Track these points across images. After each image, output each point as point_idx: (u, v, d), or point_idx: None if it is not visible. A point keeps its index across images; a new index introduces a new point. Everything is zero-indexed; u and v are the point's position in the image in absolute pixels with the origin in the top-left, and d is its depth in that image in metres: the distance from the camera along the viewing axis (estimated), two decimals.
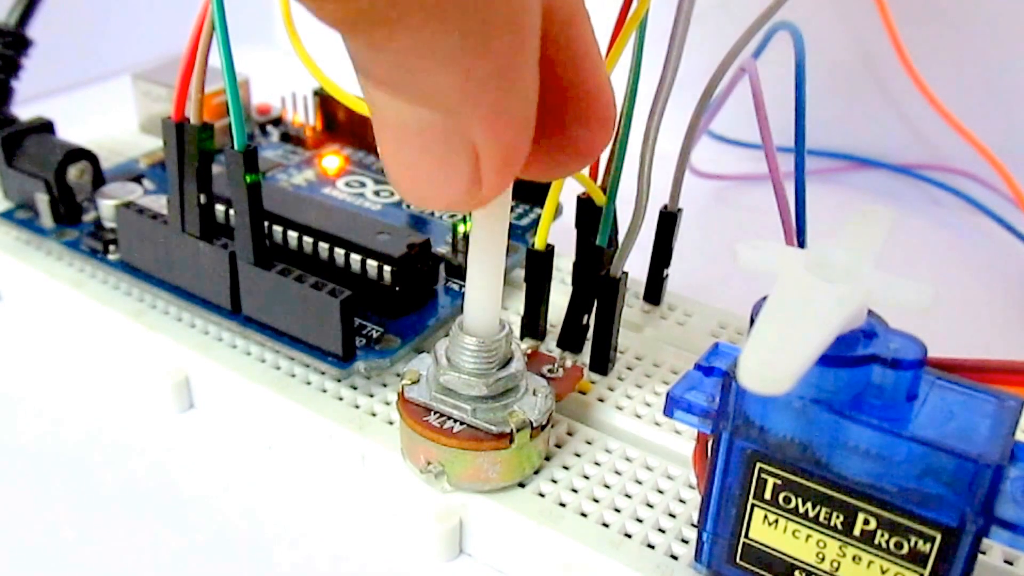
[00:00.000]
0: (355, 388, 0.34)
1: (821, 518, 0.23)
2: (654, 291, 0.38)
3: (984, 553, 0.27)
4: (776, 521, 0.24)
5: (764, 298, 0.23)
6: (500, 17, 0.19)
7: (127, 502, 0.33)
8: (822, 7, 0.54)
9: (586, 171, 0.32)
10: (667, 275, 0.38)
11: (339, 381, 0.34)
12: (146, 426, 0.36)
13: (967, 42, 0.52)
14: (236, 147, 0.32)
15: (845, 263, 0.22)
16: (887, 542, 0.22)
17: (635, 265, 0.34)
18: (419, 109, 0.20)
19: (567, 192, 0.33)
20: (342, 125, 0.47)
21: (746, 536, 0.25)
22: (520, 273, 0.37)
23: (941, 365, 0.23)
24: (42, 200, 0.41)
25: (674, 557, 0.28)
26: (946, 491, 0.21)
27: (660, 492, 0.30)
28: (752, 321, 0.22)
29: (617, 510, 0.29)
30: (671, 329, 0.38)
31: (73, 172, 0.41)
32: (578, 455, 0.31)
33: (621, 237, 0.33)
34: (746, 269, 0.22)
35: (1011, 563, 0.28)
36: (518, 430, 0.29)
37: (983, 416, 0.22)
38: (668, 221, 0.36)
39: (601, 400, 0.34)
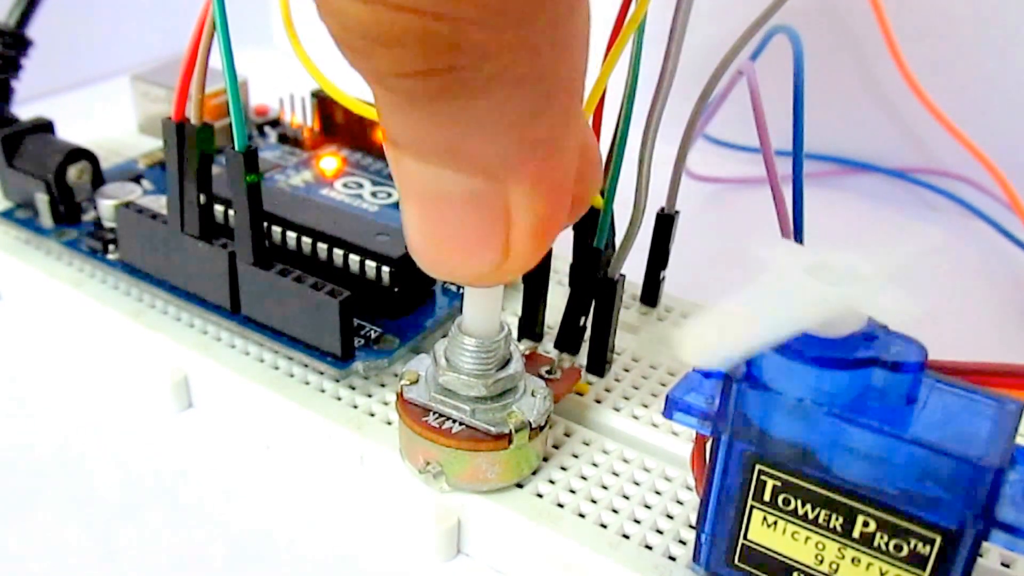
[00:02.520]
0: (353, 388, 0.34)
1: (820, 520, 0.23)
2: (651, 293, 0.38)
3: (982, 556, 0.28)
4: (775, 523, 0.24)
5: None
6: (562, 81, 0.19)
7: (126, 501, 0.33)
8: (816, 11, 0.55)
9: None
10: (664, 277, 0.38)
11: (337, 381, 0.34)
12: (145, 425, 0.36)
13: (963, 46, 0.52)
14: (236, 147, 0.32)
15: (849, 268, 0.22)
16: (886, 544, 0.22)
17: (632, 267, 0.34)
18: (459, 176, 0.19)
19: None
20: (340, 126, 0.47)
21: (745, 537, 0.25)
22: None
23: (941, 368, 0.23)
24: (42, 200, 0.41)
25: (672, 558, 0.28)
26: (946, 494, 0.21)
27: (658, 493, 0.30)
28: None
29: (615, 511, 0.29)
30: (668, 331, 0.38)
31: (73, 172, 0.41)
32: (576, 456, 0.31)
33: (618, 239, 0.33)
34: (760, 266, 0.22)
35: (1008, 566, 0.28)
36: (517, 431, 0.29)
37: (983, 419, 0.22)
38: (665, 223, 0.36)
39: (598, 401, 0.34)
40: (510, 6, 0.16)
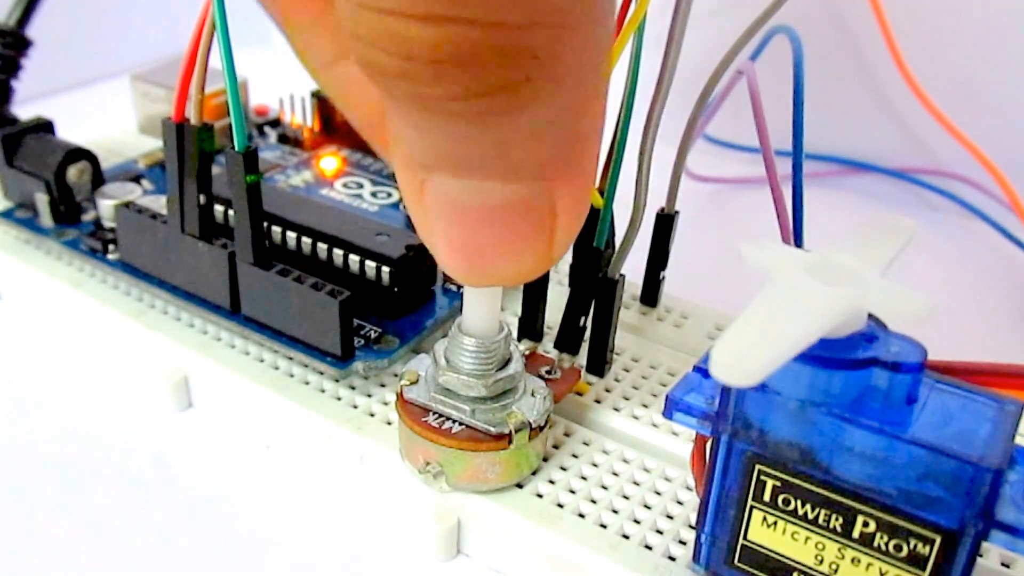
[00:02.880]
0: (353, 388, 0.34)
1: (820, 520, 0.23)
2: (651, 293, 0.38)
3: (982, 556, 0.28)
4: (775, 523, 0.24)
5: None
6: (602, 74, 0.18)
7: (126, 501, 0.33)
8: (817, 11, 0.55)
9: None
10: (664, 277, 0.38)
11: (337, 381, 0.34)
12: (145, 425, 0.36)
13: (963, 46, 0.52)
14: (236, 148, 0.32)
15: (847, 267, 0.22)
16: (886, 544, 0.22)
17: (632, 267, 0.34)
18: (502, 184, 0.19)
19: None
20: (340, 127, 0.47)
21: (744, 538, 0.25)
22: None
23: (941, 368, 0.23)
24: (42, 200, 0.41)
25: (672, 558, 0.28)
26: (946, 494, 0.21)
27: (658, 493, 0.30)
28: None
29: (615, 511, 0.29)
30: (668, 331, 0.38)
31: (73, 172, 0.41)
32: (576, 456, 0.31)
33: (618, 239, 0.33)
34: (750, 267, 0.22)
35: (1008, 566, 0.28)
36: (517, 431, 0.29)
37: (983, 419, 0.22)
38: (665, 223, 0.36)
39: (598, 401, 0.34)
40: (550, 8, 0.16)
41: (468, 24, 0.15)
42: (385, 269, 0.35)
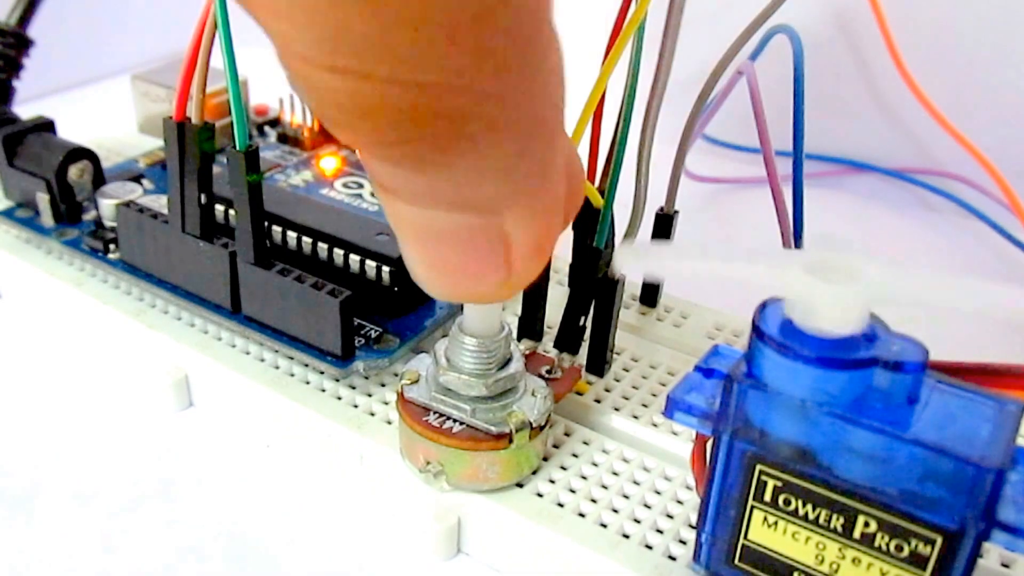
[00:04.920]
0: (354, 388, 0.34)
1: (821, 520, 0.23)
2: (650, 293, 0.39)
3: (982, 556, 0.28)
4: (776, 523, 0.24)
5: (766, 302, 0.23)
6: (542, 117, 0.19)
7: (126, 500, 0.33)
8: (816, 11, 0.55)
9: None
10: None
11: (338, 380, 0.34)
12: (145, 424, 0.36)
13: (962, 47, 0.52)
14: (238, 147, 0.32)
15: (846, 267, 0.22)
16: (887, 545, 0.22)
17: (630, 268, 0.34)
18: (452, 215, 0.19)
19: None
20: None
21: (745, 538, 0.25)
22: None
23: (942, 368, 0.23)
24: (43, 199, 0.41)
25: (672, 558, 0.28)
26: (947, 494, 0.21)
27: (658, 493, 0.30)
28: (753, 324, 0.23)
29: (615, 510, 0.29)
30: (667, 331, 0.38)
31: (74, 171, 0.41)
32: (576, 456, 0.31)
33: (618, 239, 0.33)
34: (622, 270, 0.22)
35: (1008, 566, 0.28)
36: (517, 430, 0.29)
37: (984, 420, 0.22)
38: (664, 223, 0.36)
39: (598, 401, 0.34)
40: (485, 66, 0.16)
41: (365, 78, 0.16)
42: (385, 269, 0.35)
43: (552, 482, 0.30)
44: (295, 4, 0.15)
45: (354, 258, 0.35)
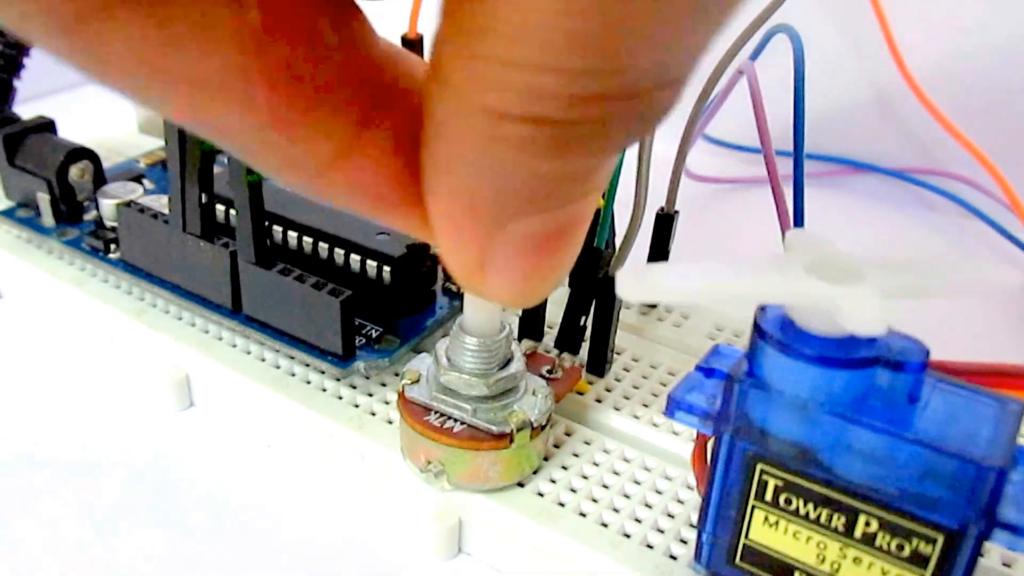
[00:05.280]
0: (354, 387, 0.34)
1: (822, 519, 0.23)
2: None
3: (982, 555, 0.28)
4: (777, 522, 0.24)
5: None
6: None
7: (127, 500, 0.33)
8: (817, 10, 0.55)
9: None
10: None
11: (338, 380, 0.34)
12: (146, 424, 0.36)
13: (963, 46, 0.52)
14: None
15: (848, 267, 0.22)
16: (888, 544, 0.22)
17: None
18: (574, 206, 0.18)
19: None
20: None
21: (746, 537, 0.25)
22: None
23: (943, 368, 0.23)
24: (43, 199, 0.41)
25: (673, 557, 0.28)
26: (948, 493, 0.21)
27: (658, 492, 0.30)
28: (755, 324, 0.23)
29: (616, 510, 0.29)
30: (668, 331, 0.38)
31: (74, 171, 0.41)
32: (576, 455, 0.32)
33: (617, 239, 0.33)
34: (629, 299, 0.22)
35: (1008, 565, 0.28)
36: (518, 430, 0.29)
37: (985, 419, 0.22)
38: (665, 223, 0.36)
39: (599, 401, 0.34)
40: (692, 61, 0.16)
41: (615, 73, 0.15)
42: (386, 268, 0.35)
43: (553, 482, 0.30)
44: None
45: (355, 258, 0.35)
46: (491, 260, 0.18)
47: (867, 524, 0.23)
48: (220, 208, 0.37)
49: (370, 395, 0.34)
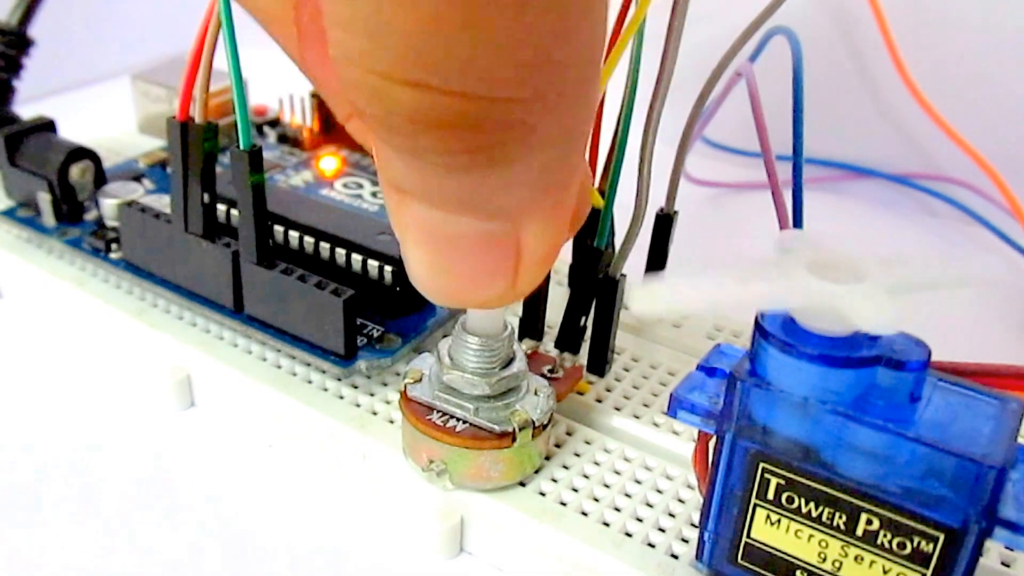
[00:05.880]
0: (356, 387, 0.34)
1: (824, 518, 0.23)
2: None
3: (982, 555, 0.28)
4: (778, 521, 0.24)
5: None
6: (583, 131, 0.19)
7: (128, 500, 0.33)
8: (816, 12, 0.55)
9: None
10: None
11: (340, 380, 0.34)
12: (147, 424, 0.36)
13: (964, 50, 0.52)
14: (242, 147, 0.32)
15: (850, 267, 0.22)
16: (890, 542, 0.23)
17: (631, 268, 0.34)
18: (472, 220, 0.19)
19: None
20: (340, 127, 0.46)
21: (748, 536, 0.25)
22: None
23: (943, 368, 0.23)
24: (44, 199, 0.41)
25: (675, 556, 0.28)
26: (949, 492, 0.21)
27: (659, 492, 0.30)
28: (756, 324, 0.23)
29: (617, 509, 0.30)
30: (667, 331, 0.38)
31: (75, 171, 0.41)
32: (578, 455, 0.32)
33: (617, 240, 0.33)
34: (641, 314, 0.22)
35: (1008, 565, 0.28)
36: (520, 429, 0.29)
37: (986, 418, 0.22)
38: (664, 224, 0.36)
39: (599, 401, 0.34)
40: (556, 81, 0.17)
41: (445, 93, 0.16)
42: (388, 268, 0.35)
43: (555, 481, 0.30)
44: (386, 24, 0.15)
45: (356, 258, 0.35)
46: (400, 230, 0.21)
47: (869, 523, 0.23)
48: (221, 208, 0.37)
49: (372, 395, 0.34)
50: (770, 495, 0.24)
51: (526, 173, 0.18)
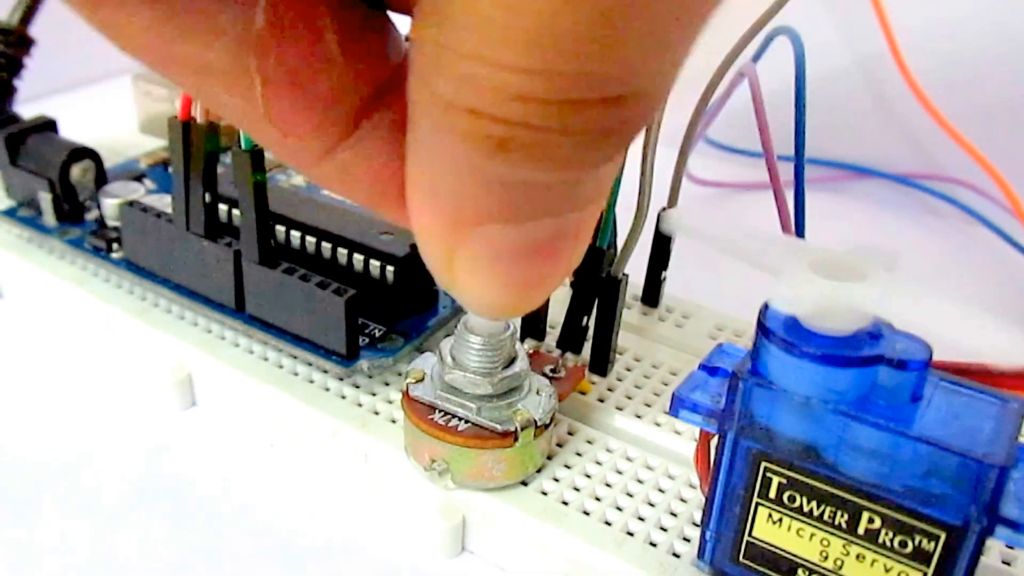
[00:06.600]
0: (358, 387, 0.34)
1: (825, 517, 0.23)
2: (652, 293, 0.39)
3: (983, 554, 0.28)
4: (780, 520, 0.24)
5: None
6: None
7: (129, 499, 0.33)
8: (819, 14, 0.55)
9: None
10: (665, 277, 0.38)
11: (342, 380, 0.34)
12: (148, 423, 0.36)
13: (966, 50, 0.52)
14: (243, 147, 0.32)
15: (853, 267, 0.22)
16: (891, 541, 0.23)
17: (632, 268, 0.34)
18: (552, 219, 0.18)
19: None
20: None
21: (750, 534, 0.25)
22: None
23: (944, 368, 0.23)
24: (45, 198, 0.41)
25: (676, 555, 0.28)
26: (951, 490, 0.21)
27: (661, 491, 0.30)
28: (759, 323, 0.23)
29: (619, 508, 0.30)
30: (669, 331, 0.38)
31: (76, 171, 0.41)
32: (579, 454, 0.32)
33: (619, 240, 0.33)
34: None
35: (1008, 563, 0.28)
36: (522, 428, 0.29)
37: (987, 417, 0.22)
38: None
39: (601, 400, 0.34)
40: (667, 66, 0.16)
41: (613, 102, 0.15)
42: (390, 268, 0.35)
43: (556, 480, 0.30)
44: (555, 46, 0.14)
45: (358, 257, 0.35)
46: (458, 262, 0.19)
47: (870, 521, 0.23)
48: (223, 208, 0.37)
49: (373, 394, 0.34)
50: (772, 494, 0.24)
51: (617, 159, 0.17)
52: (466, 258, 0.18)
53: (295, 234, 0.37)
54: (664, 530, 0.29)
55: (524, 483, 0.30)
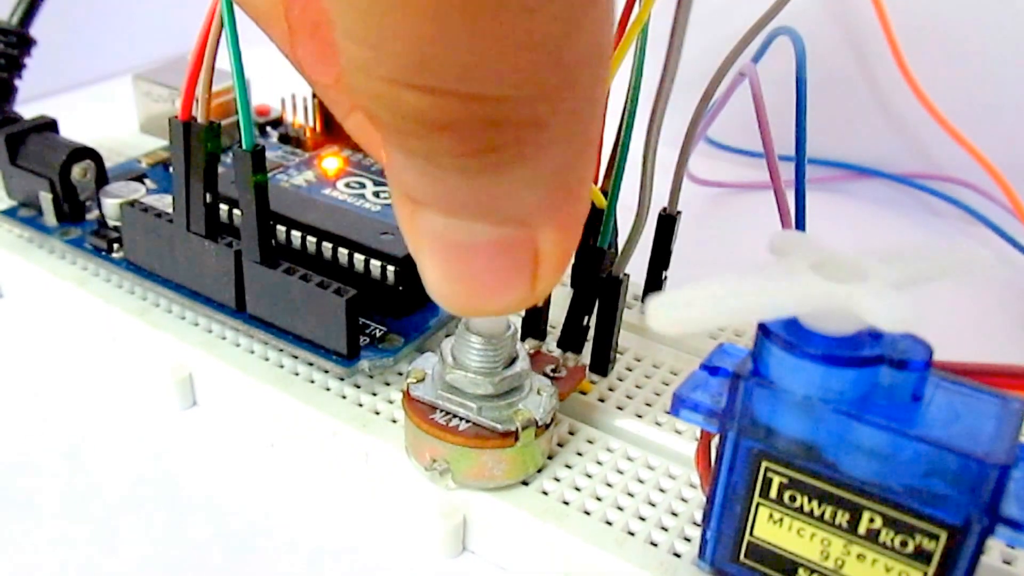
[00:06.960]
0: (358, 387, 0.34)
1: (826, 516, 0.23)
2: (653, 293, 0.39)
3: (983, 553, 0.28)
4: (781, 519, 0.24)
5: None
6: (596, 130, 0.19)
7: (130, 499, 0.33)
8: (819, 14, 0.55)
9: None
10: (666, 278, 0.38)
11: (342, 380, 0.34)
12: (149, 423, 0.36)
13: (967, 50, 0.52)
14: (244, 147, 0.32)
15: (853, 266, 0.22)
16: (892, 540, 0.23)
17: (633, 268, 0.34)
18: (488, 226, 0.19)
19: None
20: (341, 127, 0.47)
21: (751, 534, 0.25)
22: None
23: (945, 367, 0.23)
24: (45, 198, 0.41)
25: (677, 555, 0.28)
26: (952, 490, 0.21)
27: (662, 491, 0.30)
28: (759, 323, 0.23)
29: (620, 508, 0.30)
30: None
31: (77, 171, 0.41)
32: (580, 454, 0.32)
33: (620, 240, 0.33)
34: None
35: (1009, 563, 0.28)
36: (523, 428, 0.29)
37: (988, 417, 0.22)
38: (667, 224, 0.36)
39: (602, 400, 0.34)
40: (565, 78, 0.17)
41: (455, 96, 0.16)
42: (390, 268, 0.35)
43: (557, 480, 0.31)
44: (391, 31, 0.15)
45: (359, 257, 0.35)
46: (412, 237, 0.20)
47: (871, 521, 0.23)
48: (224, 208, 0.37)
49: (374, 394, 0.34)
50: (773, 493, 0.24)
51: (539, 174, 0.18)
52: (418, 233, 0.20)
53: (296, 234, 0.37)
54: (665, 530, 0.29)
55: (525, 483, 0.30)
